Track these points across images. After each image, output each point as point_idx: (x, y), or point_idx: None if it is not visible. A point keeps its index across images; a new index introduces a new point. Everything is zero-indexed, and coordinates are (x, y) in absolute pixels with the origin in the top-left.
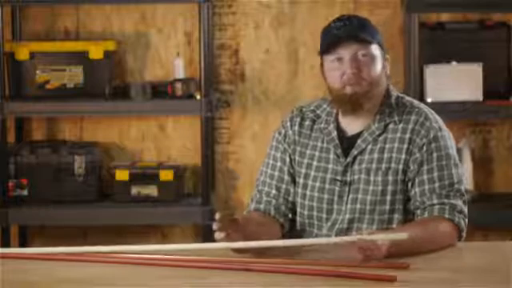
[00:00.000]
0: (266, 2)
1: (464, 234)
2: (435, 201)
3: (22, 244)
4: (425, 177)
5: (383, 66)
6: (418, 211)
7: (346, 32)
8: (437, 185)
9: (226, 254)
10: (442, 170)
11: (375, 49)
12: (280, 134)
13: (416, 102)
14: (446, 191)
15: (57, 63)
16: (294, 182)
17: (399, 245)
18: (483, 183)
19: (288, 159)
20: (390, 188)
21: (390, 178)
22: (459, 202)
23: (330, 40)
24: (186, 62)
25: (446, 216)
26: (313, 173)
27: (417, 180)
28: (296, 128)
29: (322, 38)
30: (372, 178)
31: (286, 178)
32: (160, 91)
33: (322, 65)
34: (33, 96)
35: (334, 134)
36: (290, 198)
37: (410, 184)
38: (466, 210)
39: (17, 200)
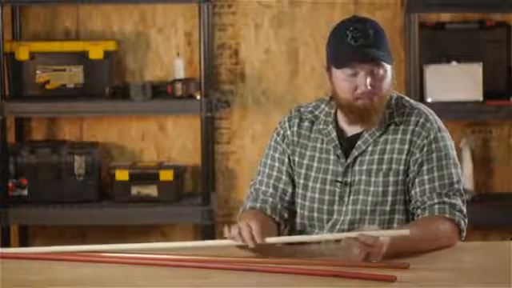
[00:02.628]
0: (266, 2)
1: (464, 234)
2: (435, 200)
3: (22, 244)
4: (425, 177)
5: (392, 76)
6: (419, 211)
7: (366, 53)
8: (437, 184)
9: (226, 253)
10: (441, 169)
11: (389, 64)
12: (278, 134)
13: (415, 103)
14: (446, 191)
15: (57, 63)
16: (291, 182)
17: (401, 244)
18: (483, 183)
19: (287, 160)
20: (390, 189)
21: (391, 178)
22: (459, 202)
23: (348, 57)
24: (186, 62)
25: (447, 215)
26: (313, 174)
27: (417, 180)
28: (295, 129)
29: (336, 48)
30: (373, 179)
31: (284, 178)
32: (160, 91)
33: (328, 69)
34: (33, 96)
35: (334, 134)
36: (287, 198)
37: (410, 184)
38: (465, 209)
39: (17, 200)
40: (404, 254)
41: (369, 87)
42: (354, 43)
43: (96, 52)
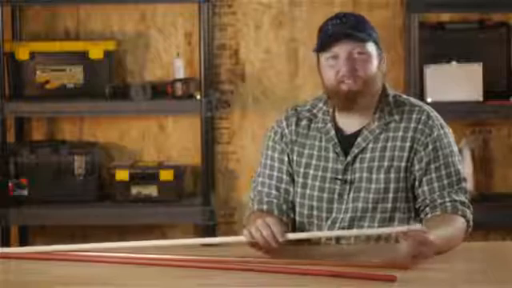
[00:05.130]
0: (266, 2)
1: (471, 229)
2: (447, 199)
3: (22, 244)
4: (433, 175)
5: (379, 63)
6: (427, 209)
7: (341, 30)
8: (445, 182)
9: (226, 254)
10: (448, 167)
11: (371, 47)
12: (276, 133)
13: (414, 100)
14: (456, 189)
15: (57, 63)
16: (292, 181)
17: (441, 244)
18: (483, 183)
19: (286, 159)
20: (392, 186)
21: (392, 175)
22: (466, 198)
23: (326, 38)
24: (185, 62)
25: (460, 213)
26: (312, 172)
27: (424, 178)
28: (293, 128)
29: (319, 35)
30: (374, 176)
31: (285, 177)
32: (160, 91)
33: (318, 62)
34: (33, 96)
35: (333, 132)
36: (290, 198)
37: (417, 183)
38: (470, 204)
39: (17, 200)
40: (437, 254)
41: (349, 68)
42: (332, 29)
43: (96, 52)
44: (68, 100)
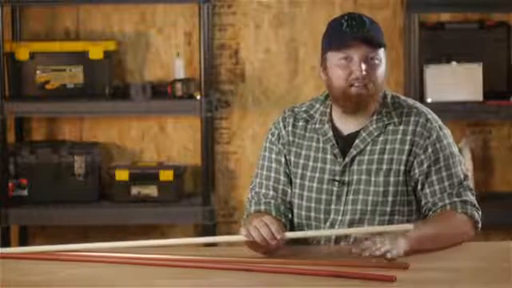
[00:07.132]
0: (266, 2)
1: (479, 225)
2: (447, 201)
3: (22, 244)
4: (434, 178)
5: (386, 68)
6: (430, 212)
7: (360, 33)
8: (446, 184)
9: (226, 254)
10: (449, 169)
11: (382, 52)
12: (273, 135)
13: (412, 102)
14: (456, 190)
15: (57, 63)
16: (290, 182)
17: (420, 243)
18: (483, 183)
19: (283, 160)
20: (391, 189)
21: (392, 178)
22: (469, 197)
23: (342, 38)
24: (186, 62)
25: (459, 211)
26: (309, 173)
27: (426, 182)
28: (289, 129)
29: (331, 33)
30: (373, 179)
31: (283, 178)
32: (160, 91)
33: (322, 60)
34: (33, 96)
35: (330, 133)
36: (288, 199)
37: (419, 186)
38: (476, 202)
39: (17, 200)
40: (425, 252)
41: (364, 72)
42: (348, 29)
43: (96, 52)
44: (68, 100)
